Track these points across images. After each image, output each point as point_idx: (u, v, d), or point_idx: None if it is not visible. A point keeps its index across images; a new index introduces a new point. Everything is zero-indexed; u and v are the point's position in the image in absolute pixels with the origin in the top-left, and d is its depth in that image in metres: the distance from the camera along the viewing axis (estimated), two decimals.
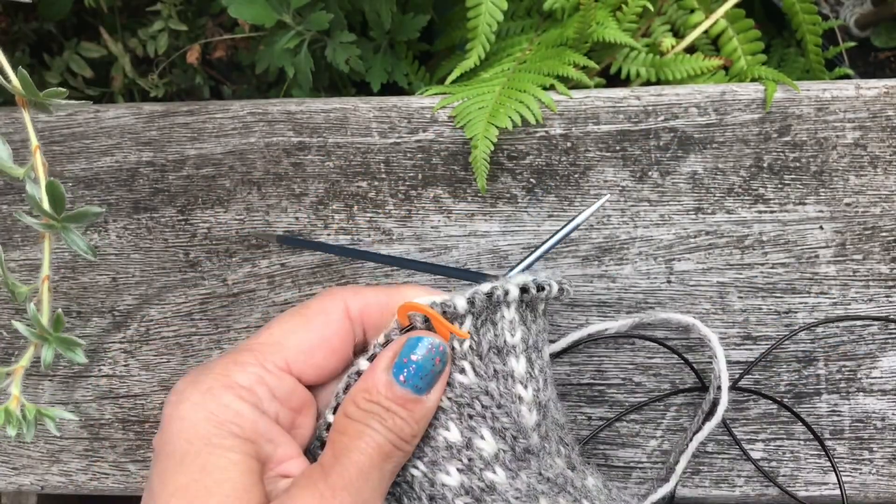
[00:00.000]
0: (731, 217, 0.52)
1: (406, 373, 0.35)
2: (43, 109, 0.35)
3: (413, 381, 0.35)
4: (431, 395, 0.36)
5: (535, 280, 0.41)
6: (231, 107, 0.55)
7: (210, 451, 0.33)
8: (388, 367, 0.36)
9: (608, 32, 0.53)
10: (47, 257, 0.35)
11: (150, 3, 0.68)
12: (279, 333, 0.37)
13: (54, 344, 0.34)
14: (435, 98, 0.54)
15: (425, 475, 0.38)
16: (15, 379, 0.33)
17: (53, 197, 0.33)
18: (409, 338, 0.36)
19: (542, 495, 0.38)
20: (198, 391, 0.34)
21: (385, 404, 0.35)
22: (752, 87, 0.53)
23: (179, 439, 0.33)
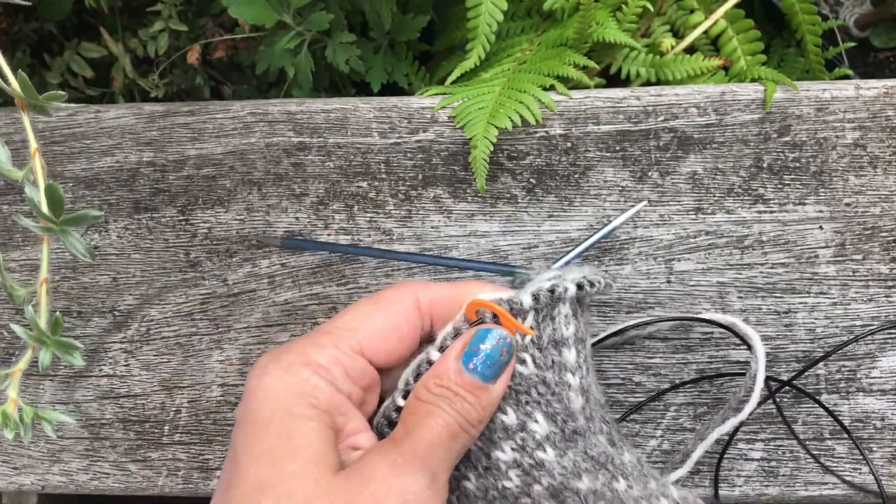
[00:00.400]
0: (731, 217, 0.53)
1: (475, 362, 0.38)
2: (42, 112, 0.35)
3: (481, 370, 0.38)
4: (498, 384, 0.39)
5: (586, 277, 0.44)
6: (231, 107, 0.55)
7: (292, 419, 0.35)
8: (459, 356, 0.39)
9: (608, 33, 0.53)
10: (46, 260, 0.35)
11: (151, 3, 0.68)
12: (354, 319, 0.40)
13: (52, 347, 0.34)
14: (435, 98, 0.54)
15: (481, 450, 0.42)
16: (13, 381, 0.33)
17: (52, 200, 0.33)
18: (479, 329, 0.39)
19: (585, 472, 0.41)
20: (279, 366, 0.37)
21: (455, 389, 0.38)
22: (752, 88, 0.53)
23: (263, 409, 0.36)
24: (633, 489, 0.42)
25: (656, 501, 0.42)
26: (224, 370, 0.55)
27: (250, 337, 0.54)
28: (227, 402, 0.55)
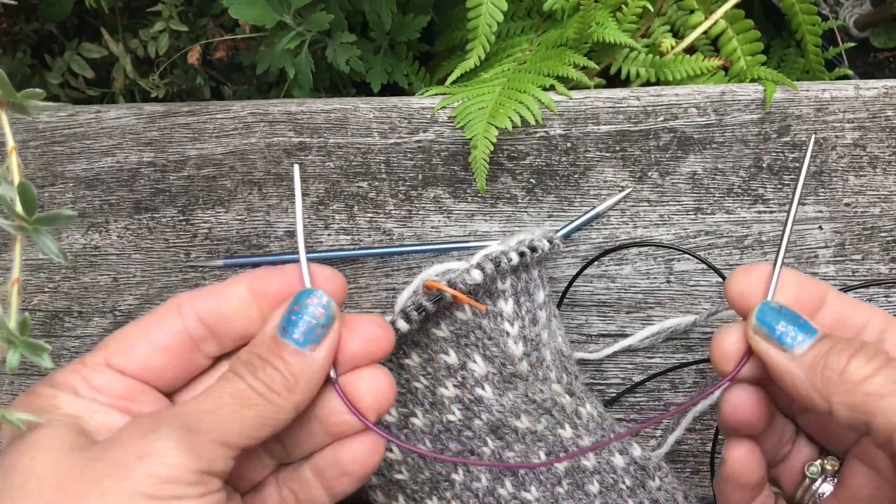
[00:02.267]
0: (731, 217, 0.53)
1: (289, 325, 0.37)
2: (20, 111, 0.35)
3: (294, 333, 0.37)
4: (317, 351, 0.37)
5: (527, 242, 0.47)
6: (232, 107, 0.55)
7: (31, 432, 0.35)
8: (279, 322, 0.37)
9: (608, 33, 0.53)
10: (18, 259, 0.35)
11: (151, 3, 0.68)
12: (109, 338, 0.39)
13: (20, 348, 0.34)
14: (435, 98, 0.54)
15: (427, 388, 0.47)
16: None
17: (25, 198, 0.33)
18: (298, 293, 0.38)
19: (525, 413, 0.47)
20: (24, 396, 0.37)
21: (264, 355, 0.36)
22: (752, 88, 0.53)
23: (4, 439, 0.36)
24: (583, 439, 0.47)
25: (608, 455, 0.47)
26: None
27: None
28: None
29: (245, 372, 0.36)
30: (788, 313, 0.36)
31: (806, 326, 0.36)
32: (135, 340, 0.39)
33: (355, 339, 0.38)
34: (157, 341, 0.39)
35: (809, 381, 0.34)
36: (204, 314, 0.39)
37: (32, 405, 0.36)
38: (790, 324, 0.36)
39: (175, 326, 0.39)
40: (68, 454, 0.34)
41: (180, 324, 0.39)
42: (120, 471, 0.32)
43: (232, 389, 0.36)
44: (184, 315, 0.39)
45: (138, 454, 0.32)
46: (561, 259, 0.53)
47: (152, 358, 0.39)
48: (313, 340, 0.37)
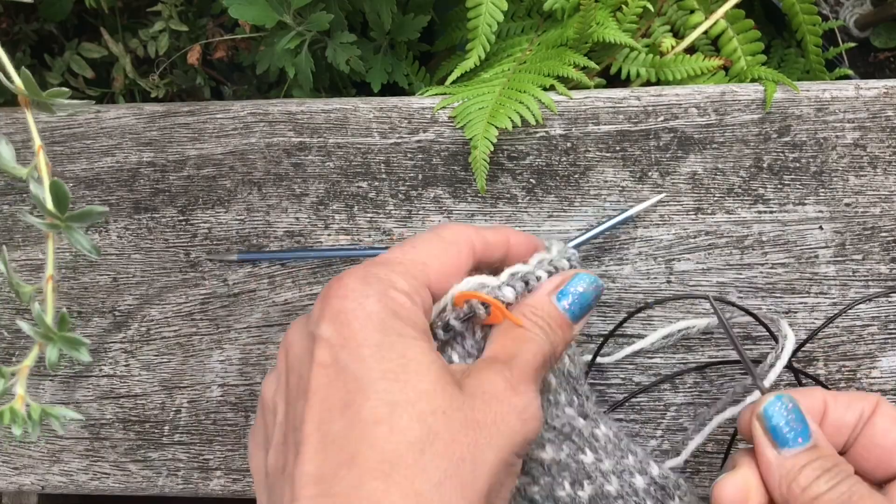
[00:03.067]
0: (731, 217, 0.53)
1: (569, 299, 0.40)
2: (45, 109, 0.35)
3: (572, 308, 0.40)
4: (577, 326, 0.41)
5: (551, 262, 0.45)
6: (232, 107, 0.55)
7: (404, 341, 0.35)
8: (553, 292, 0.41)
9: (608, 33, 0.53)
10: (51, 257, 0.35)
11: (151, 3, 0.68)
12: (424, 254, 0.39)
13: (59, 343, 0.34)
14: (435, 98, 0.54)
15: None
16: (20, 378, 0.33)
17: (57, 197, 0.33)
18: (578, 273, 0.42)
19: (548, 442, 0.43)
20: (373, 290, 0.36)
21: (548, 321, 0.39)
22: (752, 88, 0.53)
23: (368, 329, 0.35)
24: (603, 462, 0.44)
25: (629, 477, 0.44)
26: (224, 370, 0.55)
27: (250, 337, 0.54)
28: (227, 402, 0.55)
29: (542, 335, 0.39)
30: (796, 413, 0.38)
31: (804, 432, 0.38)
32: (449, 269, 0.40)
33: None
34: (461, 275, 0.40)
35: (779, 486, 0.37)
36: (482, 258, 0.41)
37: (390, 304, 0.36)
38: (791, 425, 0.38)
39: (470, 263, 0.41)
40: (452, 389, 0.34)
41: (472, 261, 0.41)
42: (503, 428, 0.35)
43: (542, 351, 0.38)
44: (475, 253, 0.41)
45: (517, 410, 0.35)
46: None
47: (449, 287, 0.40)
48: (581, 317, 0.41)
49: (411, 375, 0.34)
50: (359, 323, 0.35)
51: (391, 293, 0.36)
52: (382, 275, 0.37)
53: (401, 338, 0.35)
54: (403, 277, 0.37)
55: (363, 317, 0.35)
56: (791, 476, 0.37)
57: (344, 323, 0.35)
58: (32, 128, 0.35)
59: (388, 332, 0.35)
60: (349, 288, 0.36)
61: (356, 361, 0.34)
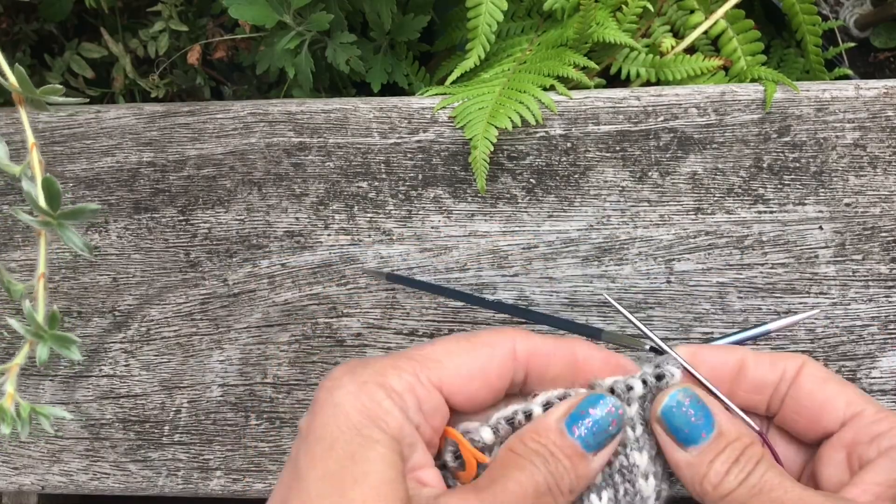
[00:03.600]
0: (731, 217, 0.53)
1: (580, 426, 0.36)
2: (40, 107, 0.35)
3: (585, 436, 0.36)
4: (599, 456, 0.36)
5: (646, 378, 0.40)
6: (232, 107, 0.55)
7: (360, 440, 0.33)
8: (564, 416, 0.36)
9: (608, 33, 0.53)
10: (43, 255, 0.35)
11: (151, 3, 0.68)
12: (442, 352, 0.37)
13: (49, 341, 0.34)
14: (435, 98, 0.54)
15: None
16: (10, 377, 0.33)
17: (49, 194, 0.33)
18: (591, 394, 0.37)
19: None
20: (354, 382, 0.35)
21: (552, 449, 0.35)
22: (752, 88, 0.53)
23: (331, 425, 0.34)
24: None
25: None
26: (224, 370, 0.55)
27: (250, 337, 0.54)
28: (227, 402, 0.55)
29: (539, 463, 0.35)
30: (695, 408, 0.37)
31: (707, 424, 0.37)
32: (472, 371, 0.37)
33: None
34: (492, 380, 0.37)
35: (692, 486, 0.37)
36: (532, 367, 0.38)
37: (364, 407, 0.34)
38: (692, 422, 0.37)
39: (508, 368, 0.37)
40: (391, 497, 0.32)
41: (512, 369, 0.37)
42: None
43: (533, 482, 0.34)
44: (518, 359, 0.38)
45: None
46: (561, 259, 0.53)
47: (482, 394, 0.37)
48: (599, 447, 0.36)
49: (353, 484, 0.32)
50: (324, 416, 0.34)
51: (370, 389, 0.34)
52: (376, 368, 0.35)
53: (358, 437, 0.33)
54: (399, 375, 0.35)
55: (330, 410, 0.34)
56: (701, 474, 0.36)
57: (314, 413, 0.34)
58: (26, 125, 0.35)
59: (349, 430, 0.33)
60: (333, 377, 0.35)
61: (306, 457, 0.33)
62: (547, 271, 0.53)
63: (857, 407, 0.38)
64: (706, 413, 0.37)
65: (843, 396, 0.38)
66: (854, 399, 0.38)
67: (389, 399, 0.35)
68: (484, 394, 0.37)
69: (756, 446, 0.37)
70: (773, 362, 0.39)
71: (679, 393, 0.37)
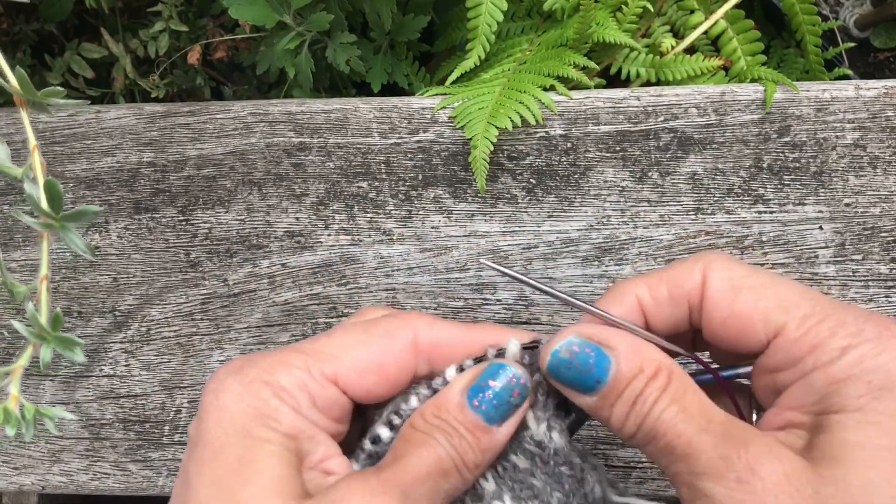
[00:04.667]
0: (731, 217, 0.53)
1: (481, 398, 0.35)
2: (41, 109, 0.35)
3: (486, 409, 0.34)
4: (503, 428, 0.35)
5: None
6: (232, 107, 0.55)
7: (249, 442, 0.32)
8: (464, 389, 0.35)
9: (608, 33, 0.53)
10: (45, 257, 0.35)
11: (151, 3, 0.68)
12: (337, 345, 0.36)
13: (53, 343, 0.34)
14: (435, 99, 0.54)
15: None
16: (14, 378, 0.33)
17: (51, 196, 0.33)
18: (492, 363, 0.35)
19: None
20: (239, 382, 0.34)
21: (453, 424, 0.34)
22: (752, 88, 0.53)
23: (217, 429, 0.33)
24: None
25: None
26: None
27: (251, 337, 0.54)
28: None
29: (442, 440, 0.34)
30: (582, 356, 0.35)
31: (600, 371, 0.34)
32: (368, 364, 0.35)
33: None
34: (391, 373, 0.36)
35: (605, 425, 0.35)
36: (436, 358, 0.36)
37: (251, 408, 0.33)
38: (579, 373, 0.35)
39: (408, 360, 0.36)
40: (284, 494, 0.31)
41: (414, 360, 0.36)
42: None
43: (436, 459, 0.33)
44: (420, 351, 0.36)
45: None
46: (561, 259, 0.53)
47: (380, 387, 0.36)
48: (502, 419, 0.35)
49: (244, 485, 0.31)
50: (210, 421, 0.33)
51: (256, 388, 0.33)
52: (264, 366, 0.34)
53: (246, 439, 0.32)
54: (289, 371, 0.34)
55: (215, 415, 0.33)
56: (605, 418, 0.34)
57: (200, 419, 0.34)
58: (28, 127, 0.35)
59: (235, 432, 0.32)
60: (218, 379, 0.34)
61: (194, 464, 0.33)
62: (547, 271, 0.53)
63: (777, 323, 0.33)
64: (598, 357, 0.34)
65: (758, 311, 0.34)
66: (772, 311, 0.33)
67: (277, 397, 0.33)
68: (383, 388, 0.36)
69: (659, 379, 0.33)
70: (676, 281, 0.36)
71: (561, 349, 0.35)
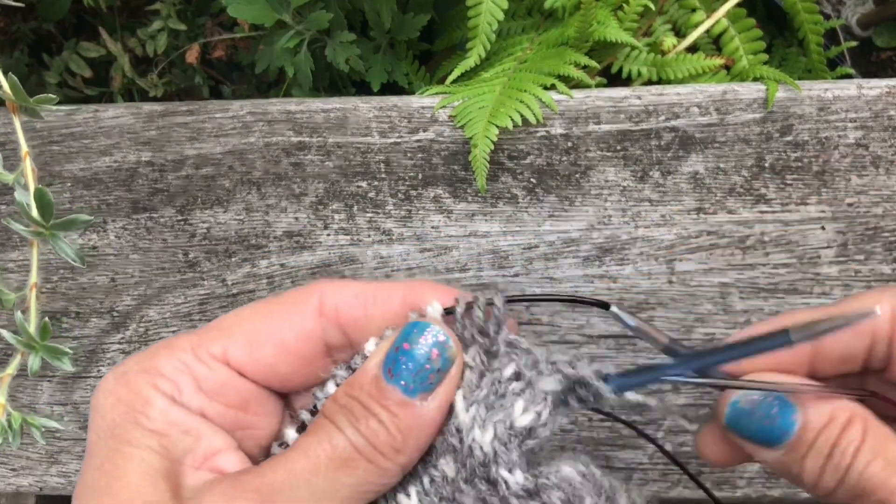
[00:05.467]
0: (733, 217, 0.52)
1: (396, 366, 0.29)
2: (34, 115, 0.34)
3: (403, 377, 0.29)
4: (428, 402, 0.29)
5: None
6: (230, 106, 0.54)
7: (113, 444, 0.30)
8: (381, 362, 0.30)
9: (609, 32, 0.53)
10: (35, 264, 0.35)
11: (150, 2, 0.68)
12: (231, 320, 0.32)
13: (41, 352, 0.33)
14: (435, 98, 0.54)
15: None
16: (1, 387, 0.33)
17: (42, 204, 0.33)
18: (407, 324, 0.30)
19: None
20: (113, 376, 0.31)
21: (365, 401, 0.29)
22: (754, 87, 0.52)
23: (93, 431, 0.31)
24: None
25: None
26: None
27: None
28: None
29: (344, 422, 0.29)
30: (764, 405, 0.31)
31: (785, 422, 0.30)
32: (262, 334, 0.31)
33: None
34: (290, 342, 0.32)
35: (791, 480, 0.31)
36: (345, 319, 0.32)
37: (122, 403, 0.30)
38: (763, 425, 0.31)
39: (311, 326, 0.32)
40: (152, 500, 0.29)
41: (318, 325, 0.32)
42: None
43: (329, 449, 0.29)
44: (325, 314, 0.32)
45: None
46: (562, 259, 0.53)
47: (281, 361, 0.32)
48: (425, 388, 0.29)
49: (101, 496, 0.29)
50: (90, 422, 0.31)
51: (130, 379, 0.30)
52: (146, 354, 0.31)
53: (112, 441, 0.30)
54: (171, 353, 0.31)
55: (92, 415, 0.31)
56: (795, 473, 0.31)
57: (88, 425, 0.31)
58: (20, 133, 0.34)
59: (104, 434, 0.30)
60: (103, 385, 0.31)
61: (83, 472, 0.31)
62: (548, 271, 0.53)
63: None
64: (781, 406, 0.30)
65: None
66: None
67: (152, 387, 0.30)
68: (286, 362, 0.31)
69: (854, 428, 0.30)
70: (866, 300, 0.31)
71: (741, 398, 0.31)
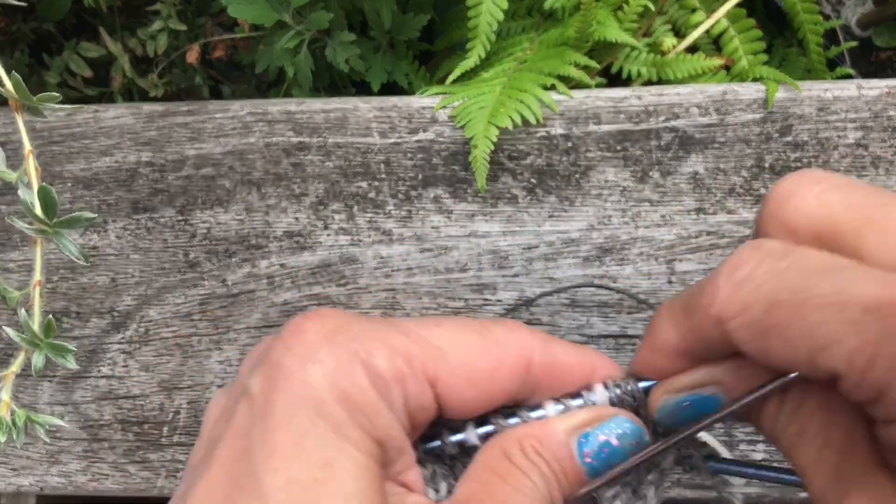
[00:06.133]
0: (733, 217, 0.52)
1: (593, 449, 0.30)
2: (37, 114, 0.34)
3: (594, 461, 0.30)
4: (592, 484, 0.31)
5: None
6: (231, 107, 0.54)
7: (338, 443, 0.27)
8: (575, 430, 0.30)
9: (609, 32, 0.53)
10: (39, 262, 0.35)
11: (150, 2, 0.68)
12: (447, 340, 0.29)
13: (45, 350, 0.34)
14: (435, 98, 0.54)
15: None
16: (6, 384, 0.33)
17: (45, 202, 0.33)
18: (618, 415, 0.30)
19: None
20: (335, 356, 0.27)
21: (555, 468, 0.29)
22: (754, 87, 0.52)
23: (299, 411, 0.26)
24: None
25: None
26: (223, 371, 0.54)
27: (250, 338, 0.54)
28: None
29: (538, 478, 0.29)
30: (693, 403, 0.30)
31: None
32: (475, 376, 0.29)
33: None
34: (493, 392, 0.30)
35: None
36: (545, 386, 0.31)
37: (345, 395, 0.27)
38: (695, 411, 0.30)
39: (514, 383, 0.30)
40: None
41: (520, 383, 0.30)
42: None
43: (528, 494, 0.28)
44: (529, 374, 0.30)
45: None
46: (562, 259, 0.53)
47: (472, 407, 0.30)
48: (601, 474, 0.30)
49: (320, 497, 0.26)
50: (291, 394, 0.27)
51: (353, 371, 0.27)
52: (362, 339, 0.28)
53: (336, 437, 0.27)
54: (391, 357, 0.28)
55: (299, 388, 0.27)
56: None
57: (274, 383, 0.27)
58: (23, 132, 0.34)
59: (324, 424, 0.27)
60: (305, 338, 0.28)
61: (263, 446, 0.26)
62: (548, 271, 0.53)
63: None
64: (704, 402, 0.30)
65: None
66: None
67: (374, 389, 0.27)
68: (479, 405, 0.30)
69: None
70: None
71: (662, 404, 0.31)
